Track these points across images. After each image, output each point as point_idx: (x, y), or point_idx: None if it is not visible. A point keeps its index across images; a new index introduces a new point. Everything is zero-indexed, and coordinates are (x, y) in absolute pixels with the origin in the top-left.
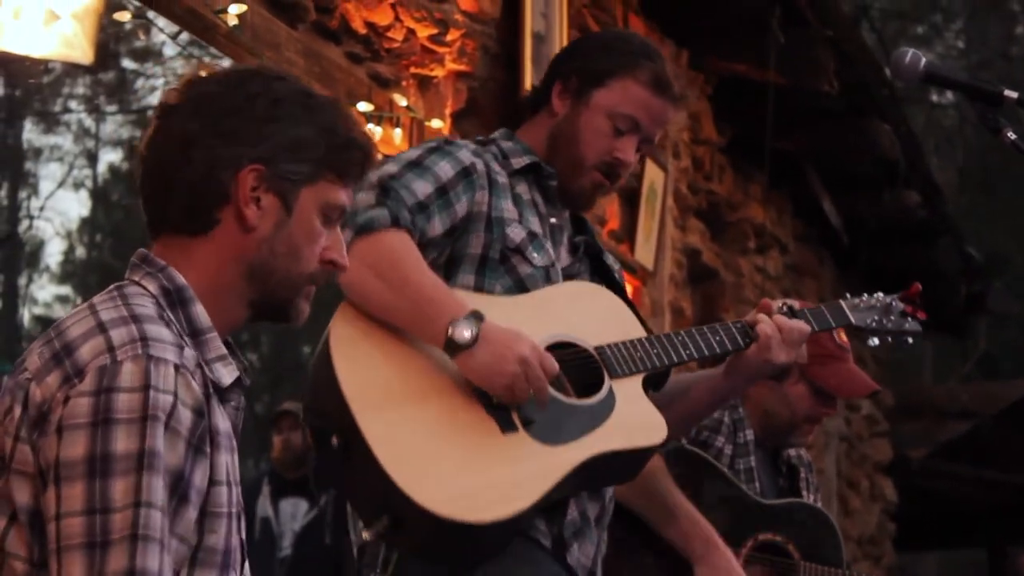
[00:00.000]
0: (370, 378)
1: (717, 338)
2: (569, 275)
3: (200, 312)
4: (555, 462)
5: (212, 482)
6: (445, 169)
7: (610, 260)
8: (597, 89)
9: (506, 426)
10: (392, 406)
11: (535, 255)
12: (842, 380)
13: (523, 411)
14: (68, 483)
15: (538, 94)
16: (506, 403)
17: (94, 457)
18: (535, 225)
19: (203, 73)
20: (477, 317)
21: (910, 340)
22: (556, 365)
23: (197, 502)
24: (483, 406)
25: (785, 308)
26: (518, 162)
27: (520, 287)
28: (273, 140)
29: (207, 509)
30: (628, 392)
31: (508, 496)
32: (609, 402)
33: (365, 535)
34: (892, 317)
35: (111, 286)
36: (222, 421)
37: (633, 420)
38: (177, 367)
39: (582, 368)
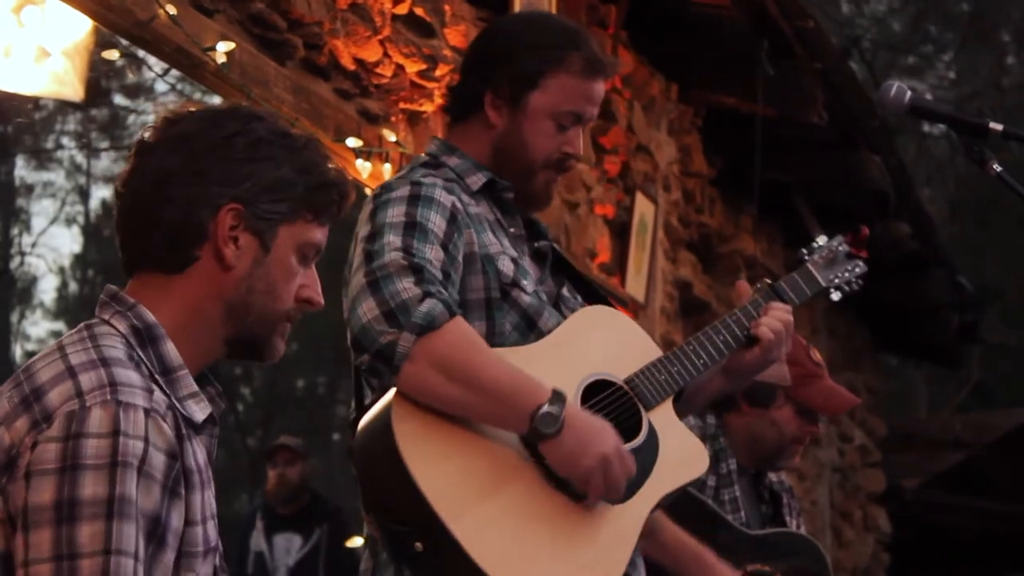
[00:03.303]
0: (445, 475)
1: (721, 338)
2: (542, 285)
3: (170, 350)
4: (627, 522)
5: (187, 523)
6: (439, 224)
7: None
8: (532, 92)
9: (575, 496)
10: (473, 502)
11: (525, 282)
12: (825, 398)
13: None
14: (36, 529)
15: (465, 98)
16: (585, 489)
17: (61, 503)
18: (510, 248)
19: (181, 110)
20: (560, 401)
21: (860, 283)
22: (634, 466)
23: (174, 544)
24: (548, 481)
25: (765, 287)
26: (474, 182)
27: (526, 318)
28: (252, 180)
29: (183, 550)
30: (664, 421)
31: (601, 573)
32: (653, 439)
33: None
34: (847, 266)
35: (80, 325)
36: (198, 457)
37: (677, 454)
38: (147, 411)
39: (618, 405)
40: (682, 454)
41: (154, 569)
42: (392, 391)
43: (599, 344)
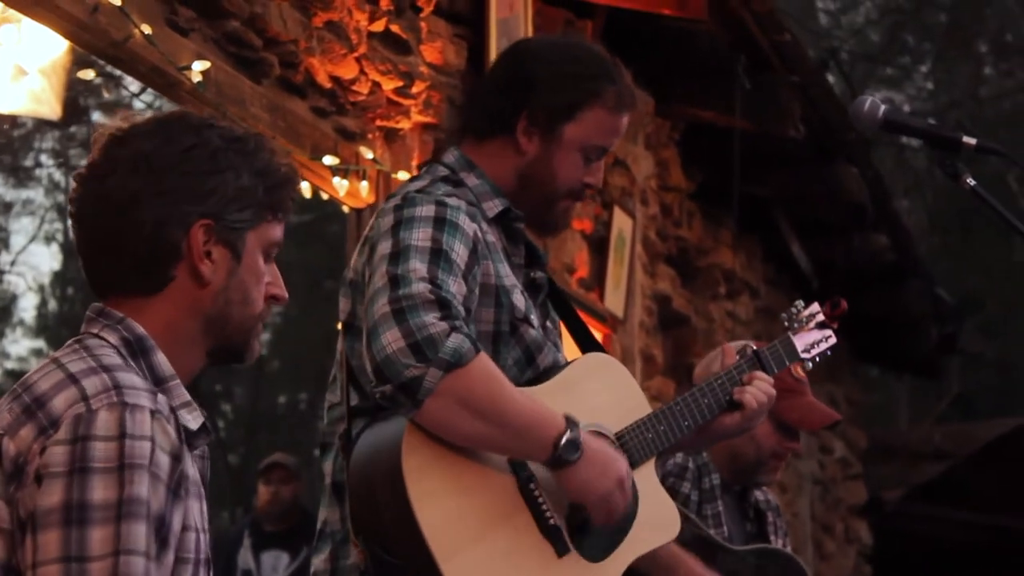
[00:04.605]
0: (444, 513)
1: (706, 401)
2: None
3: (162, 360)
4: None
5: (183, 527)
6: (462, 254)
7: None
8: (567, 123)
9: (560, 549)
10: (466, 544)
11: (533, 317)
12: (803, 413)
13: (572, 527)
14: (44, 531)
15: (494, 116)
16: (597, 515)
17: (70, 505)
18: (516, 278)
19: (125, 126)
20: (577, 427)
21: (828, 353)
22: (633, 491)
23: (175, 546)
24: (537, 527)
25: (749, 352)
26: (490, 208)
27: (527, 354)
28: (218, 193)
29: (177, 555)
30: (645, 481)
31: None
32: (634, 499)
33: None
34: (820, 336)
35: (71, 340)
36: (192, 467)
37: (653, 516)
38: (153, 412)
39: None
40: (658, 517)
41: (158, 569)
42: (402, 420)
43: (596, 394)
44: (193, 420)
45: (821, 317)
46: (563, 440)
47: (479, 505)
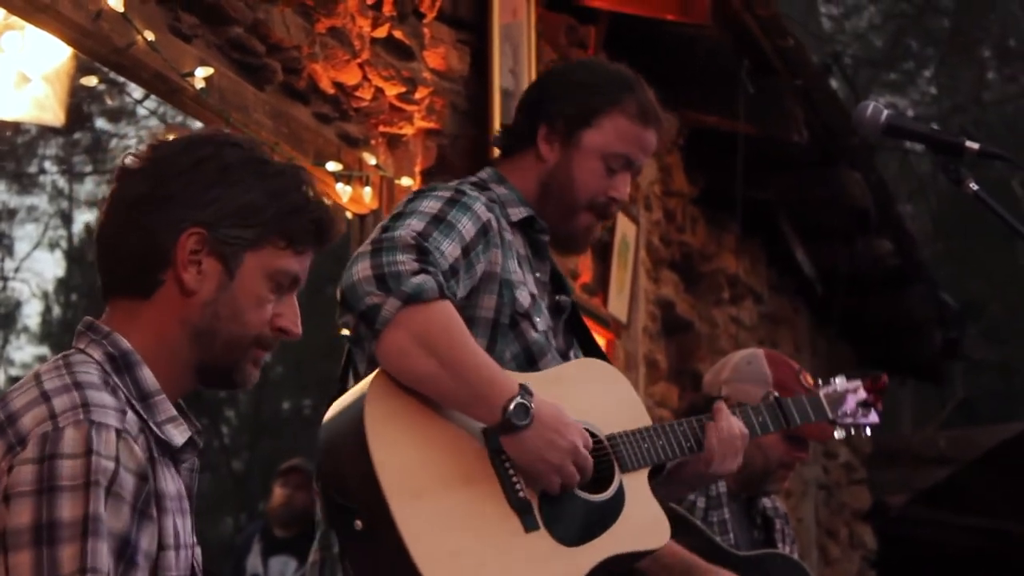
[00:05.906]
0: (404, 463)
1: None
2: (555, 338)
3: (147, 375)
4: (572, 566)
5: (160, 546)
6: (468, 227)
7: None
8: (586, 130)
9: (529, 524)
10: (424, 496)
11: (537, 320)
12: (812, 423)
13: (544, 506)
14: (15, 551)
15: (519, 133)
16: (551, 485)
17: (40, 525)
18: (532, 285)
19: (168, 136)
20: (530, 394)
21: (868, 431)
22: (590, 461)
23: (146, 566)
24: (507, 498)
25: (772, 397)
26: (515, 214)
27: (527, 353)
28: (217, 204)
29: (157, 574)
30: (636, 488)
31: None
32: (619, 499)
33: None
34: (860, 412)
35: (58, 355)
36: (171, 484)
37: (640, 521)
38: (119, 432)
39: (595, 458)
40: (645, 523)
41: None
42: (373, 374)
43: (592, 395)
44: (180, 435)
45: (863, 394)
46: (513, 403)
47: (441, 461)
